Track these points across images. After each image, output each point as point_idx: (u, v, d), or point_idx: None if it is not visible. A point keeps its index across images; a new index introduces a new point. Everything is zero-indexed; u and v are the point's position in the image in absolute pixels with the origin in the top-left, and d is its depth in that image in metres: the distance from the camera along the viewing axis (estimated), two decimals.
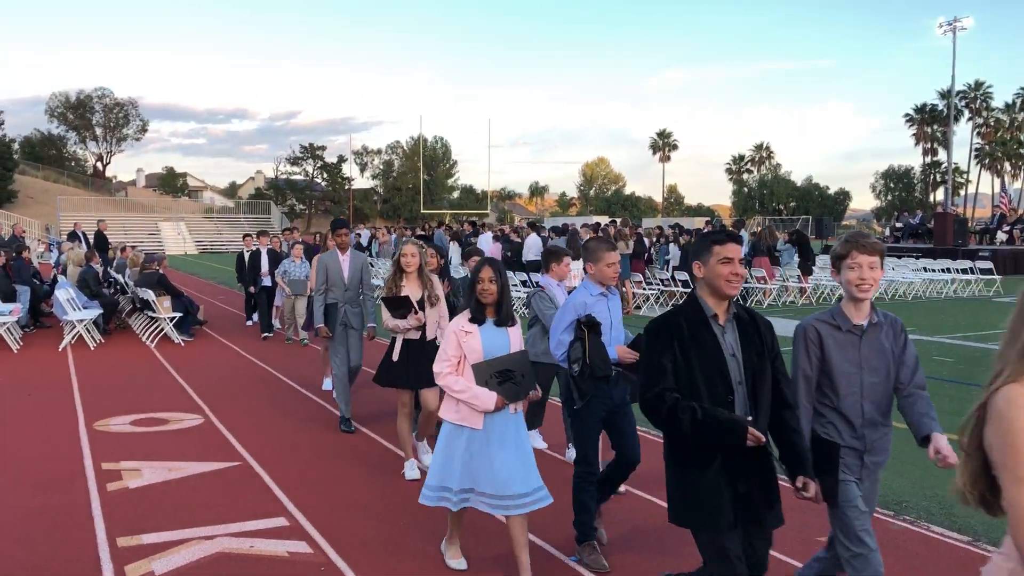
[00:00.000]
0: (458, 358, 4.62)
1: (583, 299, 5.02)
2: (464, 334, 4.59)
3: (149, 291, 14.04)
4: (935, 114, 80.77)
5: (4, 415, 8.85)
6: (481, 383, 4.50)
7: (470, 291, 4.68)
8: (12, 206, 60.64)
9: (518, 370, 4.56)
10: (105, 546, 5.27)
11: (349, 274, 8.24)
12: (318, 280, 8.24)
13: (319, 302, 8.18)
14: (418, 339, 6.58)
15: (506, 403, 4.52)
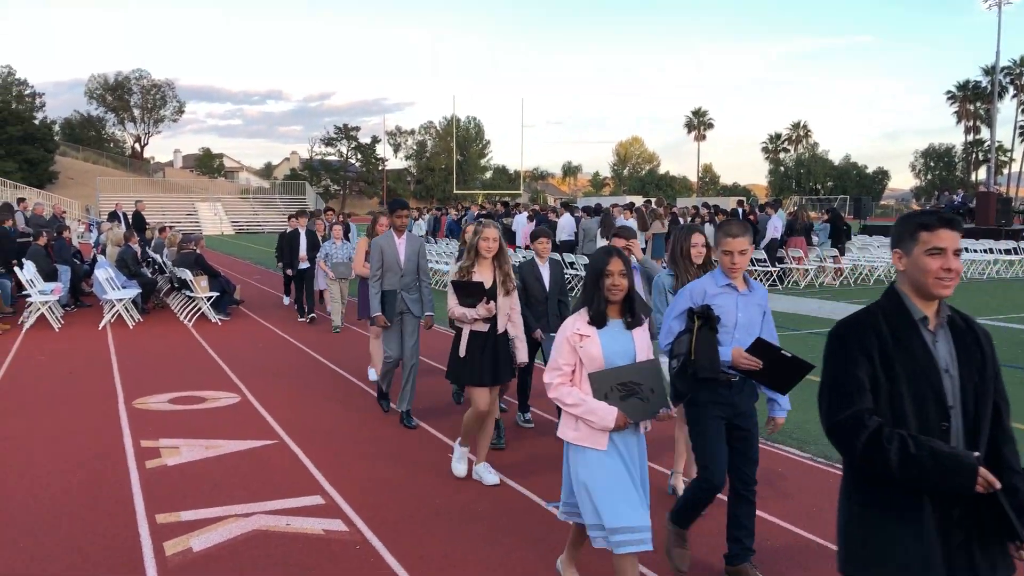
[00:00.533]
0: (572, 367, 3.98)
1: (704, 287, 4.41)
2: (579, 338, 3.93)
3: (187, 271, 14.19)
4: (978, 91, 79.08)
5: (46, 393, 9.00)
6: (600, 396, 3.88)
7: (591, 287, 3.99)
8: (53, 187, 61.62)
9: (646, 383, 3.92)
10: (144, 522, 5.34)
11: (406, 258, 7.62)
12: (372, 265, 7.59)
13: (375, 289, 7.55)
14: (487, 331, 6.00)
15: (630, 421, 3.90)
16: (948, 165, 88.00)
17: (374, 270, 7.55)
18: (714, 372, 4.17)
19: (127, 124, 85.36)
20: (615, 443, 3.92)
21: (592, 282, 3.99)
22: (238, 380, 9.62)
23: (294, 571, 4.63)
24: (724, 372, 4.27)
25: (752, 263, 20.23)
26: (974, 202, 35.26)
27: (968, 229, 31.36)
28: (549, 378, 4.00)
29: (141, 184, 65.07)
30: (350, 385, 9.41)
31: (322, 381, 9.62)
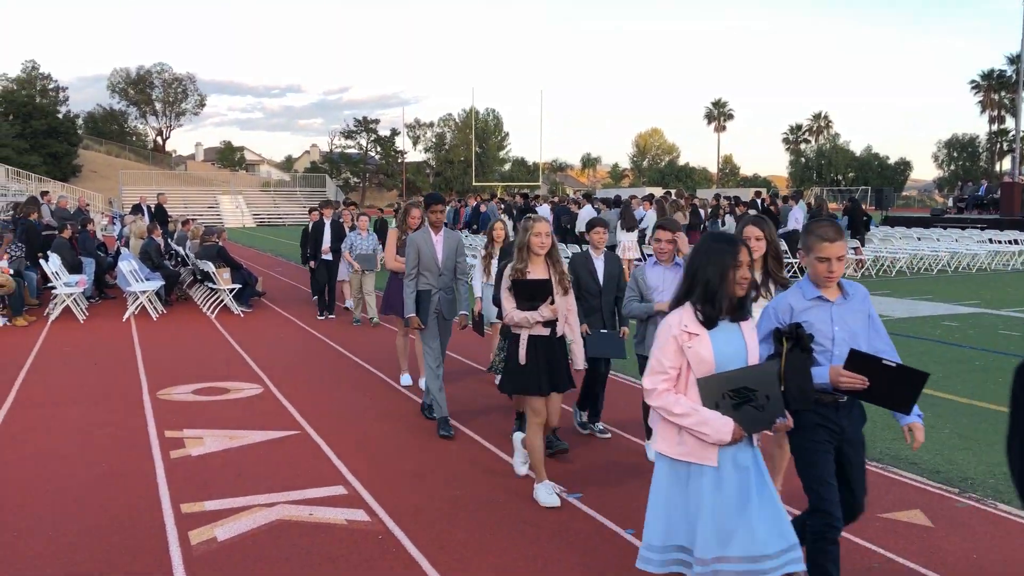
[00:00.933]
0: (678, 370, 3.49)
1: (790, 303, 3.86)
2: (688, 337, 3.46)
3: (209, 263, 14.30)
4: (1003, 80, 78.11)
5: (71, 384, 9.11)
6: (711, 405, 3.41)
7: (710, 280, 3.46)
8: (77, 180, 62.24)
9: (761, 389, 3.44)
10: (170, 512, 5.40)
11: (444, 256, 7.19)
12: (408, 263, 7.14)
13: (410, 288, 7.10)
14: (547, 335, 5.53)
15: (744, 433, 3.43)
16: (972, 155, 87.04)
17: (410, 268, 7.12)
18: (806, 403, 3.62)
19: (149, 118, 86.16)
20: (728, 458, 3.45)
21: (714, 275, 3.45)
22: (261, 371, 9.69)
23: (317, 560, 4.67)
24: (827, 394, 3.73)
25: None
26: (998, 192, 34.86)
27: (991, 220, 31.05)
28: (652, 383, 3.51)
29: (163, 177, 65.57)
30: (372, 376, 9.46)
31: (344, 372, 9.68)
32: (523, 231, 5.64)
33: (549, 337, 5.52)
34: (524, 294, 5.44)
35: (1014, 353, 10.42)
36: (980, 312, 13.95)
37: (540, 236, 5.57)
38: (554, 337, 5.54)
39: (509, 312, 5.47)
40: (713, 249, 3.51)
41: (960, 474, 6.03)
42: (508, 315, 5.49)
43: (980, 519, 5.23)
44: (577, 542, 4.91)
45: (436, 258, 7.19)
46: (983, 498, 5.57)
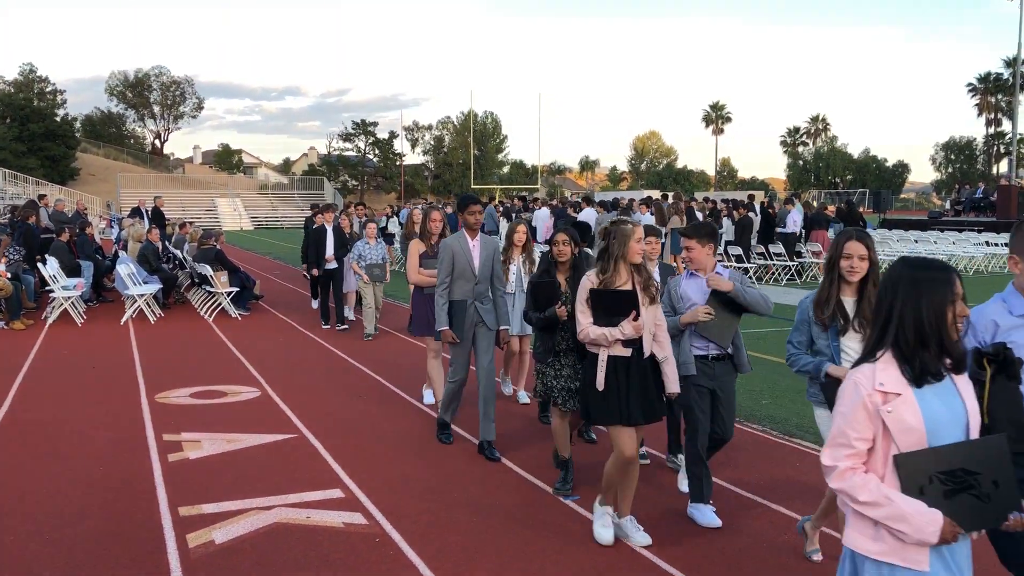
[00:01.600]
0: (869, 442, 2.59)
1: (993, 317, 3.29)
2: (885, 399, 2.55)
3: (207, 266, 14.31)
4: (1000, 83, 78.21)
5: (68, 387, 9.12)
6: (914, 491, 2.50)
7: (925, 321, 2.55)
8: (75, 183, 62.20)
9: (986, 472, 2.51)
10: (167, 515, 5.42)
11: (481, 263, 6.62)
12: (441, 271, 6.60)
13: (442, 299, 6.58)
14: (630, 355, 4.81)
15: (959, 532, 2.49)
16: (969, 158, 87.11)
17: (443, 277, 6.57)
18: (1021, 443, 2.85)
19: (147, 121, 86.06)
20: (939, 561, 2.56)
21: (928, 313, 2.55)
22: (258, 375, 9.71)
23: (314, 563, 4.69)
24: None
25: (770, 257, 20.17)
26: (995, 195, 34.91)
27: (988, 222, 31.11)
28: (832, 459, 2.62)
29: (161, 180, 65.55)
30: (369, 379, 9.47)
31: (341, 376, 9.69)
32: (622, 237, 4.81)
33: (631, 358, 4.79)
34: (605, 307, 4.76)
35: None
36: None
37: (644, 243, 4.96)
38: (641, 358, 4.80)
39: (585, 327, 4.79)
40: (921, 279, 2.59)
41: None
42: (583, 331, 4.80)
43: None
44: (574, 541, 4.93)
45: (472, 265, 6.61)
46: None
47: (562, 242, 5.72)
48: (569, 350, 5.49)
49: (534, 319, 5.58)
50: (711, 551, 4.85)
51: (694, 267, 5.29)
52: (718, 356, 5.25)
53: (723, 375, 5.30)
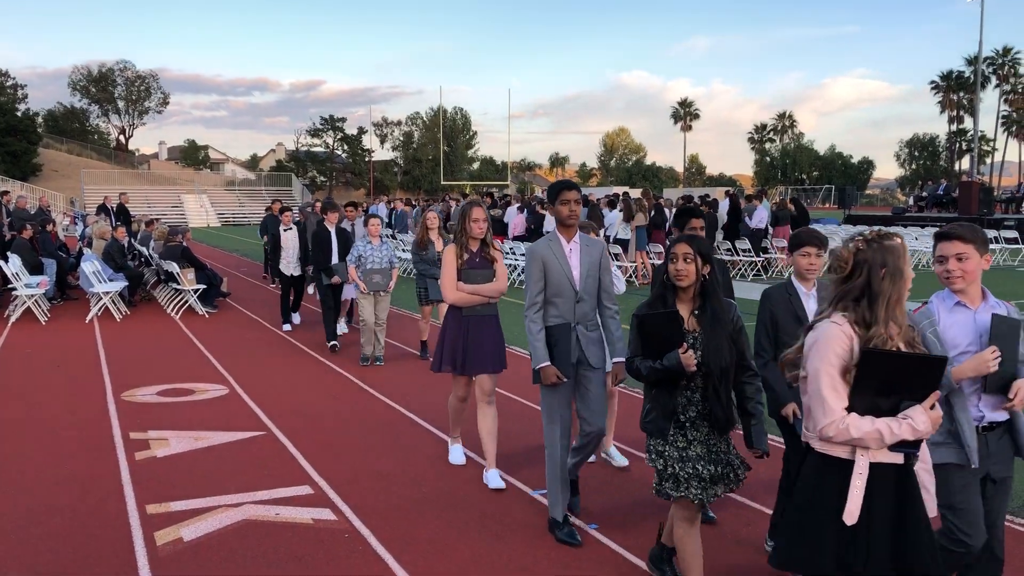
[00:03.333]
0: None
1: None
2: None
3: (173, 263, 14.19)
4: (962, 81, 79.45)
5: (33, 386, 9.02)
6: None
7: None
8: (37, 179, 61.22)
9: None
10: (135, 513, 5.40)
11: (583, 274, 4.93)
12: (530, 288, 4.96)
13: (536, 325, 4.94)
14: (901, 462, 3.07)
15: None
16: (932, 155, 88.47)
17: (533, 295, 4.96)
18: None
19: (111, 116, 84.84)
20: None
21: None
22: (226, 372, 9.66)
23: (283, 560, 4.70)
24: None
25: (737, 253, 20.38)
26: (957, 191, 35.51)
27: (951, 218, 31.63)
28: None
29: (126, 176, 64.72)
30: (338, 376, 9.47)
31: (310, 372, 9.68)
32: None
33: (903, 468, 2.98)
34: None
35: None
36: None
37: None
38: (911, 465, 2.99)
39: (840, 418, 2.89)
40: None
41: None
42: (832, 423, 2.90)
43: None
44: (543, 535, 4.98)
45: (571, 277, 4.92)
46: None
47: (683, 256, 3.82)
48: (700, 417, 3.85)
49: (644, 369, 3.86)
50: None
51: (959, 286, 3.60)
52: (993, 424, 3.60)
53: (999, 451, 3.62)
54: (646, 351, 3.88)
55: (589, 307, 4.98)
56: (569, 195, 4.91)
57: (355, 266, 9.95)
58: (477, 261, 5.97)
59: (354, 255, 9.97)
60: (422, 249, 9.89)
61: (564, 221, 4.94)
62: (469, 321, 5.90)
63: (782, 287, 4.50)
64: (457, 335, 5.93)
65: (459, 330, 5.93)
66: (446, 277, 5.96)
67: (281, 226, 12.90)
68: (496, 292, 5.97)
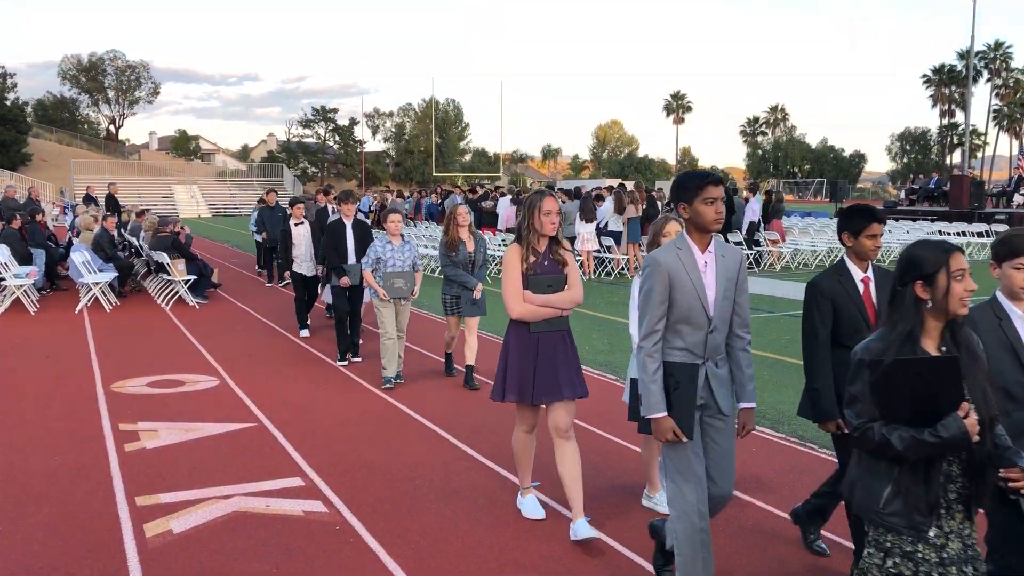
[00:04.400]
0: None
1: None
2: None
3: (163, 254, 14.12)
4: (953, 75, 79.64)
5: (22, 376, 8.96)
6: None
7: None
8: (26, 169, 60.85)
9: None
10: (124, 505, 5.36)
11: (719, 294, 3.80)
12: (651, 310, 3.76)
13: (653, 361, 3.79)
14: None
15: None
16: (924, 148, 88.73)
17: (653, 322, 3.75)
18: None
19: (101, 106, 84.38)
20: None
21: None
22: (216, 363, 9.62)
23: (274, 552, 4.68)
24: None
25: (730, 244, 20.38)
26: (948, 185, 35.61)
27: (942, 212, 31.73)
28: None
29: (116, 166, 64.37)
30: (329, 368, 9.43)
31: (301, 364, 9.64)
32: None
33: None
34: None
35: None
36: None
37: None
38: None
39: None
40: None
41: None
42: None
43: None
44: (534, 527, 4.97)
45: (705, 299, 3.75)
46: None
47: (965, 273, 2.76)
48: (959, 500, 2.76)
49: (900, 443, 2.64)
50: None
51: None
52: None
53: None
54: (894, 413, 2.66)
55: (721, 337, 3.85)
56: (715, 191, 3.70)
57: (372, 269, 8.47)
58: (546, 264, 4.84)
59: (371, 257, 8.43)
60: (452, 250, 8.35)
61: (704, 223, 3.70)
62: (538, 339, 4.83)
63: (987, 308, 3.44)
64: (524, 357, 4.85)
65: (526, 350, 4.85)
66: (509, 286, 4.81)
67: (292, 220, 11.48)
68: (571, 303, 4.87)
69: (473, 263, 8.44)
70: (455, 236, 8.38)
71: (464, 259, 8.38)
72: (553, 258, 4.88)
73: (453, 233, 8.39)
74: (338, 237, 9.56)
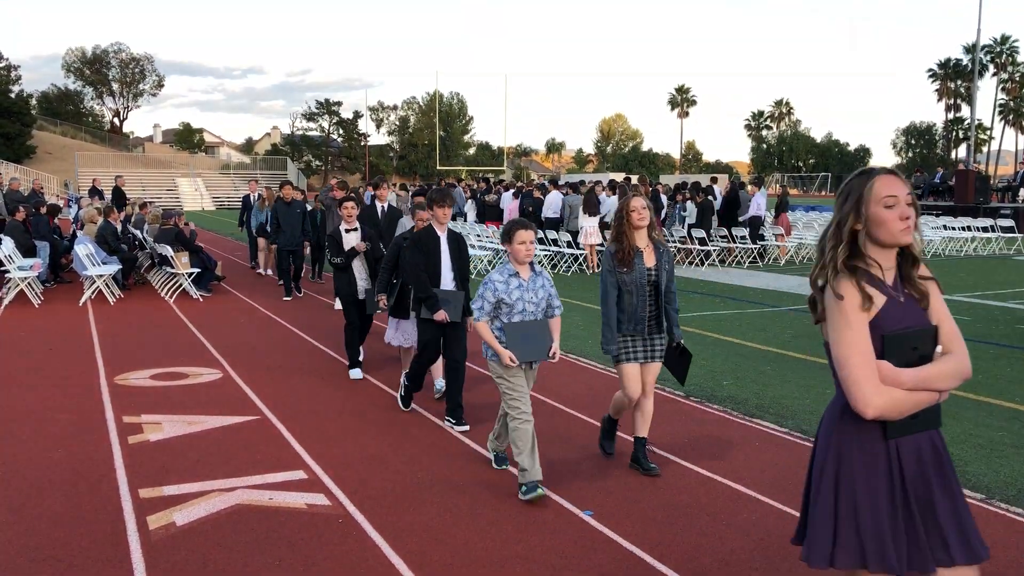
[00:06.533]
0: None
1: None
2: None
3: (167, 247, 14.13)
4: (959, 69, 79.44)
5: (26, 369, 8.98)
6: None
7: None
8: (31, 162, 60.96)
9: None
10: (128, 497, 5.37)
11: None
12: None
13: None
14: None
15: None
16: (929, 143, 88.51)
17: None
18: None
19: (106, 98, 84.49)
20: None
21: None
22: (220, 356, 9.62)
23: (277, 544, 4.68)
24: None
25: (733, 240, 20.36)
26: (953, 179, 35.50)
27: (947, 206, 31.64)
28: None
29: (121, 159, 64.44)
30: (332, 360, 9.44)
31: (304, 357, 9.64)
32: None
33: None
34: None
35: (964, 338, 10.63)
36: None
37: None
38: None
39: None
40: None
41: None
42: None
43: None
44: (537, 522, 4.97)
45: None
46: None
47: None
48: None
49: None
50: (690, 537, 4.90)
51: None
52: None
53: None
54: None
55: None
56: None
57: (487, 318, 5.45)
58: (902, 303, 2.73)
59: (486, 300, 5.40)
60: (623, 266, 5.56)
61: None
62: (898, 451, 2.72)
63: None
64: (877, 487, 2.70)
65: (879, 474, 2.70)
66: (856, 354, 2.62)
67: (343, 225, 8.58)
68: (959, 377, 2.77)
69: (655, 286, 5.63)
70: (630, 242, 5.59)
71: (640, 279, 5.57)
72: (910, 293, 2.76)
73: (628, 238, 5.59)
74: (428, 250, 6.89)
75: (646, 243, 5.64)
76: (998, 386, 8.22)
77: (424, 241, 6.94)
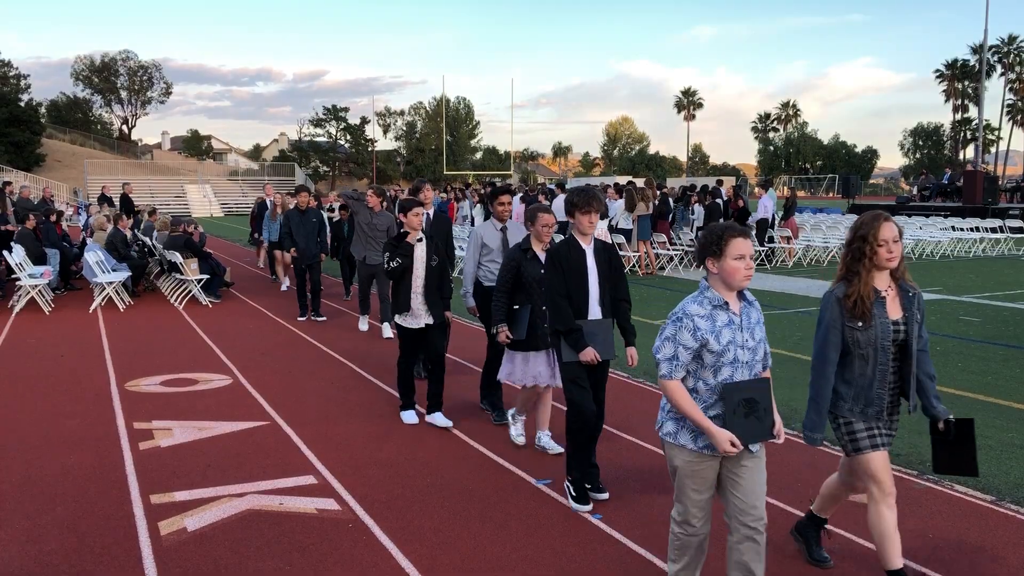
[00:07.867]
0: None
1: None
2: None
3: (176, 253, 14.19)
4: (966, 69, 79.26)
5: (37, 376, 9.03)
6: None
7: None
8: (40, 169, 61.23)
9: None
10: (139, 503, 5.40)
11: None
12: None
13: None
14: None
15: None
16: (937, 144, 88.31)
17: None
18: None
19: (114, 106, 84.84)
20: None
21: None
22: (229, 362, 9.66)
23: (287, 549, 4.70)
24: None
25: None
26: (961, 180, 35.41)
27: (955, 207, 31.56)
28: None
29: (129, 166, 64.74)
30: (341, 366, 9.46)
31: (313, 362, 9.67)
32: None
33: None
34: None
35: (974, 339, 10.64)
36: (942, 299, 14.21)
37: None
38: None
39: None
40: None
41: (919, 457, 6.17)
42: None
43: (936, 500, 5.36)
44: (547, 524, 4.98)
45: None
46: (940, 480, 5.71)
47: None
48: None
49: None
50: None
51: None
52: None
53: None
54: None
55: None
56: None
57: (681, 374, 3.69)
58: None
59: (685, 344, 3.58)
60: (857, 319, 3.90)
61: None
62: None
63: None
64: None
65: None
66: None
67: (412, 237, 7.07)
68: None
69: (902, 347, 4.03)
70: (869, 287, 3.94)
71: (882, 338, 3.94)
72: None
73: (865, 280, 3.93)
74: (569, 268, 5.26)
75: (888, 284, 3.96)
76: (1008, 387, 8.21)
77: (564, 256, 5.28)
